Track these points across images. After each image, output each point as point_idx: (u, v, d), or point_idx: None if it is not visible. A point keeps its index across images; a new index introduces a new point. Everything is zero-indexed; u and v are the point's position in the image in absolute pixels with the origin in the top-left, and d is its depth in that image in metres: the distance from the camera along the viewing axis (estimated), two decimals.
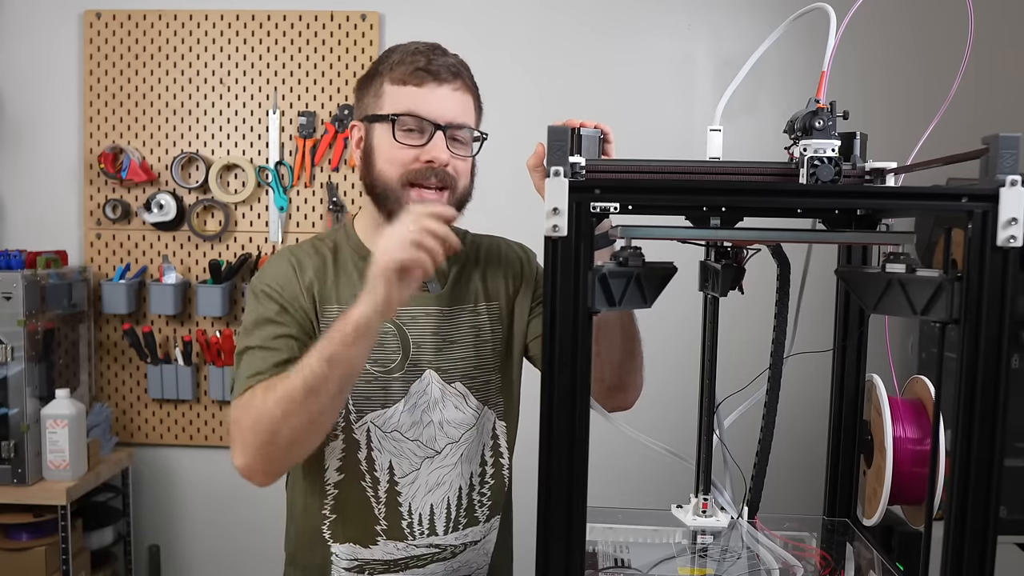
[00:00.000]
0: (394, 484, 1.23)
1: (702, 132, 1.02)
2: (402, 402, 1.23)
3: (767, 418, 1.11)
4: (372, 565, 1.25)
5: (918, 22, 2.51)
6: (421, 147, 1.17)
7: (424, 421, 1.24)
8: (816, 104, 0.94)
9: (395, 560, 1.25)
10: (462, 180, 1.22)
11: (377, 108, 1.20)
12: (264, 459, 1.10)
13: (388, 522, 1.24)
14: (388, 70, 1.19)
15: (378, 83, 1.21)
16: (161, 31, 2.60)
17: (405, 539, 1.24)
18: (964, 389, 0.82)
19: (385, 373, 1.22)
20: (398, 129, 1.17)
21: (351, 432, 1.23)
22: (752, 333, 1.50)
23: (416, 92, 1.17)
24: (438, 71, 1.18)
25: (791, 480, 1.64)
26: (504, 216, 2.66)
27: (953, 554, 0.83)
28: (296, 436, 1.08)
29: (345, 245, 1.27)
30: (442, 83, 1.18)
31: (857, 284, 0.97)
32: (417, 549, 1.25)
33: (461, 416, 1.26)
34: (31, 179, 2.65)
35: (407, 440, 1.23)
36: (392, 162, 1.18)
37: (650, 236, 0.92)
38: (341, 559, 1.25)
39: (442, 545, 1.26)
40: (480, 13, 2.58)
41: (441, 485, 1.25)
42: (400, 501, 1.24)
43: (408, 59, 1.18)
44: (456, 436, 1.26)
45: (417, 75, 1.17)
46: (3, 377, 2.23)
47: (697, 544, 1.14)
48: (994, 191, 0.79)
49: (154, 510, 2.71)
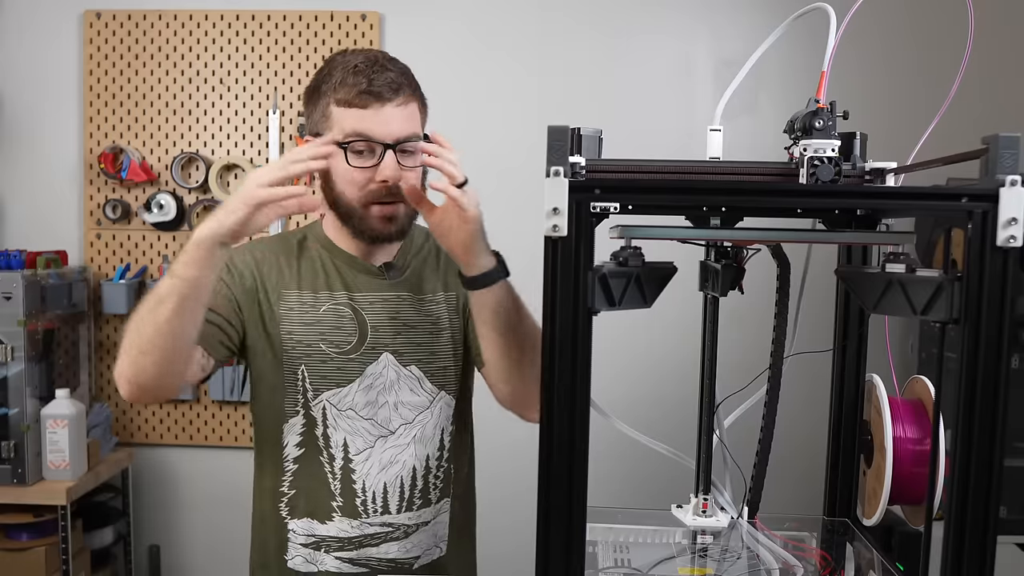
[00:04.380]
0: (348, 461, 1.29)
1: (702, 132, 1.02)
2: (357, 382, 1.29)
3: (767, 418, 1.11)
4: (328, 542, 1.30)
5: (918, 22, 2.51)
6: (374, 167, 1.23)
7: (379, 402, 1.30)
8: (816, 104, 0.94)
9: (350, 538, 1.30)
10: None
11: (327, 130, 1.25)
12: (128, 364, 1.15)
13: (343, 499, 1.29)
14: (332, 91, 1.23)
15: (324, 103, 1.25)
16: (161, 31, 2.60)
17: (359, 516, 1.30)
18: (964, 389, 0.82)
19: (341, 354, 1.29)
20: (350, 152, 1.22)
21: (309, 409, 1.29)
22: (752, 333, 1.50)
23: (362, 115, 1.21)
24: (380, 91, 1.21)
25: (791, 480, 1.64)
26: (502, 215, 2.66)
27: (953, 554, 0.83)
28: (144, 345, 1.13)
29: (312, 238, 1.36)
30: (386, 102, 1.22)
31: (857, 284, 0.97)
32: (371, 527, 1.30)
33: (416, 399, 1.32)
34: (31, 179, 2.65)
35: (361, 419, 1.29)
36: (350, 184, 1.25)
37: (650, 236, 0.92)
38: (298, 535, 1.31)
39: (395, 524, 1.31)
40: (480, 12, 2.58)
41: (395, 464, 1.31)
42: (354, 479, 1.29)
43: (350, 80, 1.22)
44: (410, 418, 1.31)
45: (361, 97, 1.21)
46: (3, 377, 2.23)
47: (697, 544, 1.15)
48: (994, 191, 0.79)
49: (154, 510, 2.71)
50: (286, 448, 1.31)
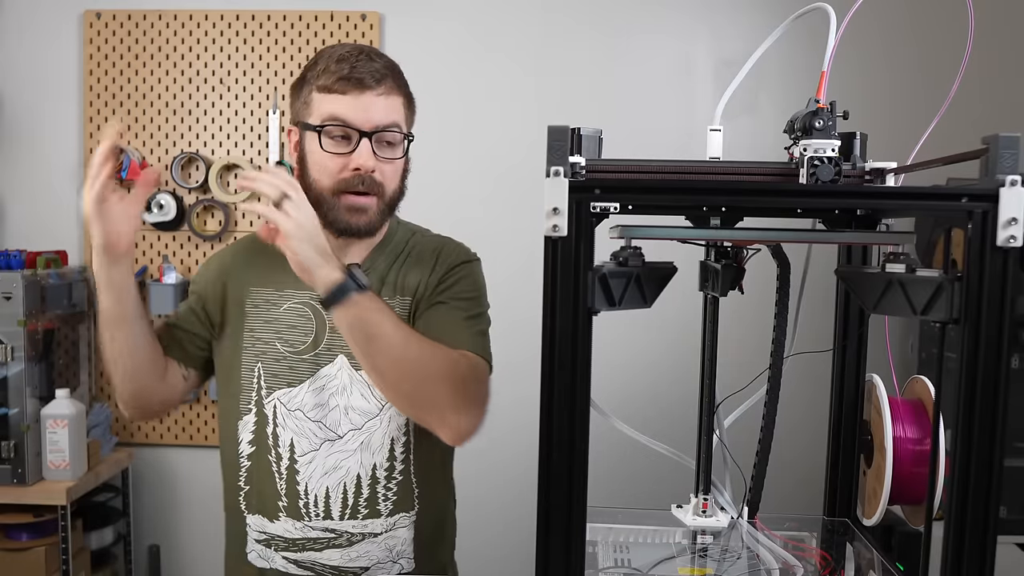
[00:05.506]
0: (294, 462, 1.28)
1: (702, 132, 1.02)
2: (308, 383, 1.28)
3: (767, 418, 1.11)
4: (276, 541, 1.30)
5: (918, 22, 2.51)
6: (348, 155, 1.21)
7: (331, 404, 1.28)
8: (816, 104, 0.94)
9: (294, 540, 1.29)
10: (390, 185, 1.26)
11: (306, 116, 1.24)
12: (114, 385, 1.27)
13: (288, 499, 1.28)
14: (315, 78, 1.23)
15: (307, 91, 1.24)
16: (161, 31, 2.59)
17: (302, 519, 1.28)
18: (964, 389, 0.82)
19: (294, 354, 1.28)
20: (324, 137, 1.21)
21: (262, 407, 1.29)
22: (752, 333, 1.50)
23: (340, 100, 1.20)
24: (362, 78, 1.20)
25: (791, 480, 1.64)
26: (501, 215, 2.67)
27: (953, 554, 0.83)
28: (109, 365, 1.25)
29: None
30: (365, 89, 1.21)
31: (857, 284, 0.97)
32: (313, 531, 1.28)
33: (366, 404, 1.28)
34: (31, 179, 2.65)
35: (309, 420, 1.28)
36: (323, 171, 1.23)
37: (650, 236, 0.92)
38: (253, 530, 1.32)
39: (338, 531, 1.28)
40: (479, 13, 2.58)
41: (338, 469, 1.28)
42: (298, 480, 1.28)
43: (333, 67, 1.21)
44: (359, 423, 1.28)
45: (341, 83, 1.20)
46: (3, 377, 2.23)
47: (697, 544, 1.15)
48: (994, 191, 0.79)
49: (154, 510, 2.71)
50: (240, 444, 1.31)
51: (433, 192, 2.55)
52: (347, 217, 1.23)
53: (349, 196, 1.23)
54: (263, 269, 1.31)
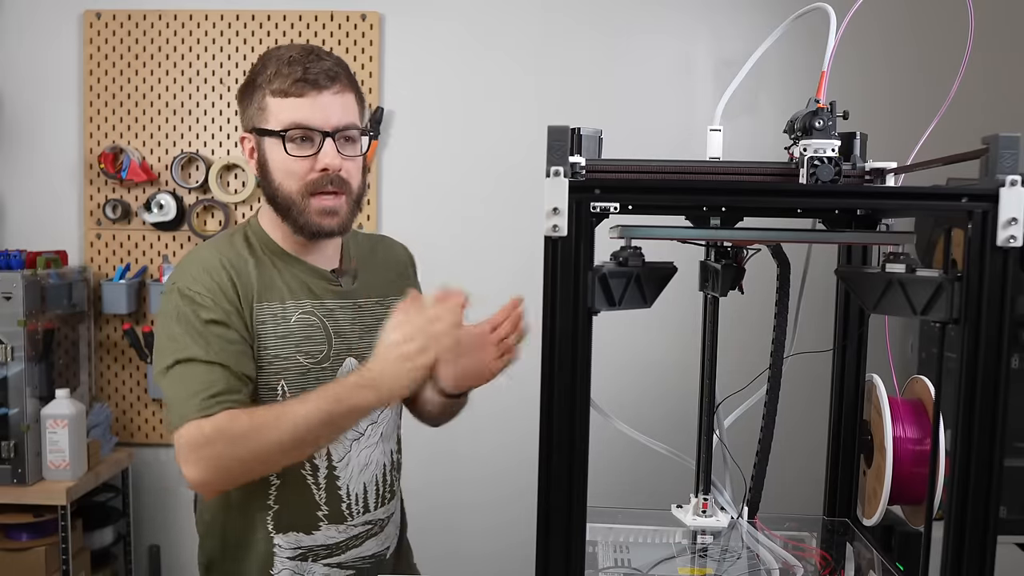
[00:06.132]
0: (332, 469, 1.29)
1: (702, 132, 1.02)
2: None
3: (767, 418, 1.11)
4: (316, 551, 1.30)
5: (918, 22, 2.51)
6: (314, 156, 1.21)
7: None
8: (816, 104, 0.94)
9: (337, 543, 1.30)
10: (354, 181, 1.27)
11: (263, 122, 1.23)
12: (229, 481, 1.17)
13: (329, 507, 1.29)
14: (267, 82, 1.22)
15: (259, 95, 1.23)
16: (161, 31, 2.59)
17: (345, 520, 1.30)
18: (964, 389, 0.82)
19: (316, 364, 1.27)
20: (288, 142, 1.21)
21: None
22: (752, 333, 1.50)
23: (299, 103, 1.20)
24: (316, 79, 1.20)
25: (791, 480, 1.64)
26: (501, 214, 2.67)
27: (953, 554, 0.83)
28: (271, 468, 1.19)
29: (256, 241, 1.30)
30: (322, 90, 1.21)
31: (857, 284, 0.97)
32: (355, 528, 1.31)
33: None
34: (31, 179, 2.65)
35: None
36: (289, 175, 1.22)
37: (650, 236, 0.92)
38: (284, 549, 1.29)
39: (374, 520, 1.34)
40: (479, 13, 2.58)
41: (370, 464, 1.33)
42: (339, 485, 1.29)
43: (285, 70, 1.21)
44: (374, 417, 1.33)
45: (296, 86, 1.20)
46: (3, 377, 2.23)
47: (697, 544, 1.15)
48: (994, 191, 0.80)
49: (154, 510, 2.71)
50: None
51: (433, 192, 2.56)
52: (318, 220, 1.23)
53: (320, 197, 1.23)
54: (256, 283, 1.25)
